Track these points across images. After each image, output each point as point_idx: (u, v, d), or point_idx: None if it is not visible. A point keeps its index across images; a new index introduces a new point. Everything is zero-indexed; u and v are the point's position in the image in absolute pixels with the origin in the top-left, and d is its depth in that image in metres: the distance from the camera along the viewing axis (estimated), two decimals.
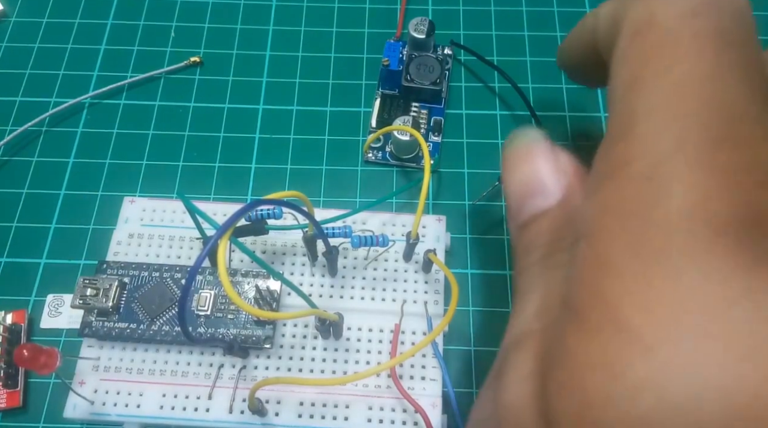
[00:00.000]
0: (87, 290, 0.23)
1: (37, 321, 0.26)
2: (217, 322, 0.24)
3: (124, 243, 0.26)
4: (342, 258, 0.26)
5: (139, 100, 0.31)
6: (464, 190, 0.29)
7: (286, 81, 0.32)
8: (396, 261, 0.25)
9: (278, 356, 0.24)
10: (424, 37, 0.30)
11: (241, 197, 0.29)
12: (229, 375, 0.23)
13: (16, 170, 0.30)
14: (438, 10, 0.34)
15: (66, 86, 0.32)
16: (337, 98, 0.32)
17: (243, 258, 0.26)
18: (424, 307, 0.25)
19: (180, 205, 0.26)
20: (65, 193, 0.29)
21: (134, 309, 0.24)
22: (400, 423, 0.23)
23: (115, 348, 0.24)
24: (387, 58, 0.31)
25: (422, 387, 0.23)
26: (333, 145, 0.30)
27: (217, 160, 0.30)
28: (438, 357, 0.24)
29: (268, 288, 0.24)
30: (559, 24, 0.34)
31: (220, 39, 0.33)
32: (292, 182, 0.29)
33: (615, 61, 0.15)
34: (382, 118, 0.30)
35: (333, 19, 0.34)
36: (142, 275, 0.24)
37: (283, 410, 0.23)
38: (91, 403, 0.23)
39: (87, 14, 0.34)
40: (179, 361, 0.24)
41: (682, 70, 0.12)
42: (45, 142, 0.30)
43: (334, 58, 0.33)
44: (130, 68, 0.32)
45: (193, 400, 0.23)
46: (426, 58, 0.30)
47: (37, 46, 0.33)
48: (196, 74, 0.32)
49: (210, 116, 0.31)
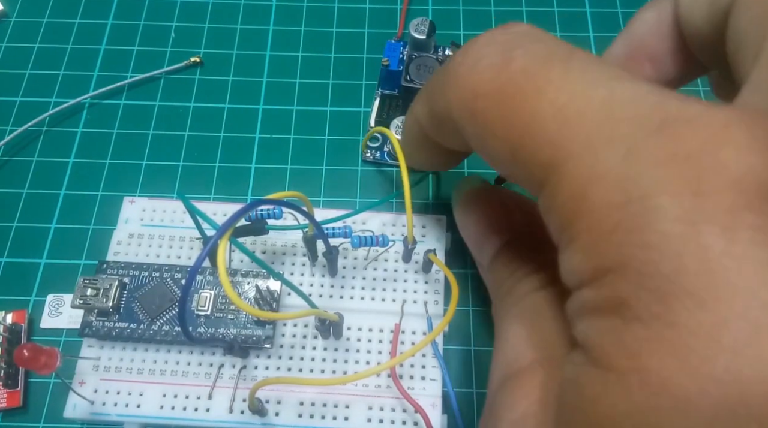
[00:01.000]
0: (87, 290, 0.23)
1: (37, 321, 0.26)
2: (217, 322, 0.24)
3: (124, 243, 0.26)
4: (342, 258, 0.26)
5: (139, 100, 0.31)
6: None
7: (286, 81, 0.32)
8: (396, 262, 0.25)
9: (278, 356, 0.24)
10: (425, 37, 0.30)
11: (241, 197, 0.29)
12: (229, 375, 0.23)
13: (16, 170, 0.30)
14: (438, 10, 0.34)
15: (66, 86, 0.32)
16: (337, 98, 0.32)
17: (243, 258, 0.26)
18: (424, 307, 0.25)
19: (180, 204, 0.26)
20: (65, 193, 0.29)
21: (134, 309, 0.24)
22: (400, 423, 0.23)
23: (115, 348, 0.24)
24: (387, 58, 0.31)
25: (422, 387, 0.23)
26: (333, 145, 0.30)
27: (217, 160, 0.30)
28: (438, 357, 0.24)
29: (268, 288, 0.24)
30: (559, 24, 0.34)
31: (220, 39, 0.33)
32: (292, 182, 0.29)
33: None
34: (381, 118, 0.30)
35: (333, 19, 0.34)
36: (142, 275, 0.24)
37: (283, 410, 0.23)
38: (91, 403, 0.23)
39: (87, 14, 0.34)
40: (179, 361, 0.24)
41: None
42: (45, 142, 0.30)
43: (334, 58, 0.33)
44: (130, 68, 0.32)
45: (193, 400, 0.23)
46: (426, 59, 0.30)
47: (37, 46, 0.33)
48: (196, 74, 0.32)
49: (210, 116, 0.31)
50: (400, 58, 0.32)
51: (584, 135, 0.12)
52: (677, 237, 0.10)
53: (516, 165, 0.14)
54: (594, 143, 0.12)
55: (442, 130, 0.18)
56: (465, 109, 0.15)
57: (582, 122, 0.12)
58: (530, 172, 0.13)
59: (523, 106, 0.13)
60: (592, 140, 0.12)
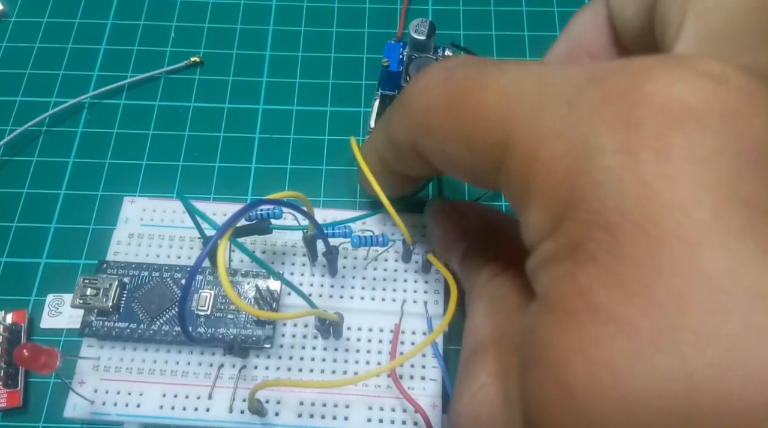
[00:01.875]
0: (87, 290, 0.23)
1: (37, 321, 0.26)
2: (217, 322, 0.24)
3: (124, 243, 0.26)
4: (342, 258, 0.26)
5: (139, 100, 0.31)
6: (464, 190, 0.29)
7: (286, 81, 0.32)
8: (396, 262, 0.25)
9: (278, 356, 0.24)
10: (425, 38, 0.30)
11: (241, 197, 0.29)
12: (229, 375, 0.23)
13: (16, 170, 0.30)
14: (438, 10, 0.34)
15: (66, 86, 0.32)
16: (337, 98, 0.32)
17: (243, 258, 0.26)
18: (424, 307, 0.25)
19: (180, 204, 0.26)
20: (65, 193, 0.29)
21: (134, 309, 0.24)
22: (400, 423, 0.23)
23: (115, 348, 0.24)
24: (387, 59, 0.31)
25: (422, 387, 0.23)
26: (333, 145, 0.30)
27: (217, 160, 0.30)
28: (438, 357, 0.24)
29: (268, 288, 0.24)
30: (559, 24, 0.34)
31: (220, 39, 0.33)
32: (292, 182, 0.29)
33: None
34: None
35: (333, 19, 0.34)
36: (142, 275, 0.24)
37: (283, 410, 0.23)
38: (91, 403, 0.23)
39: (87, 14, 0.34)
40: (179, 361, 0.24)
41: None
42: (45, 142, 0.30)
43: (334, 58, 0.33)
44: (130, 68, 0.32)
45: (193, 400, 0.23)
46: (426, 60, 0.30)
47: (37, 46, 0.33)
48: (196, 74, 0.32)
49: (210, 116, 0.31)
50: (399, 58, 0.32)
51: (526, 105, 0.13)
52: (617, 169, 0.11)
53: (475, 156, 0.15)
54: (535, 110, 0.13)
55: (401, 157, 0.20)
56: (421, 125, 0.17)
57: (522, 96, 0.13)
58: (487, 159, 0.14)
59: (469, 102, 0.15)
60: (534, 107, 0.13)
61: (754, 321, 0.09)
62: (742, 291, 0.09)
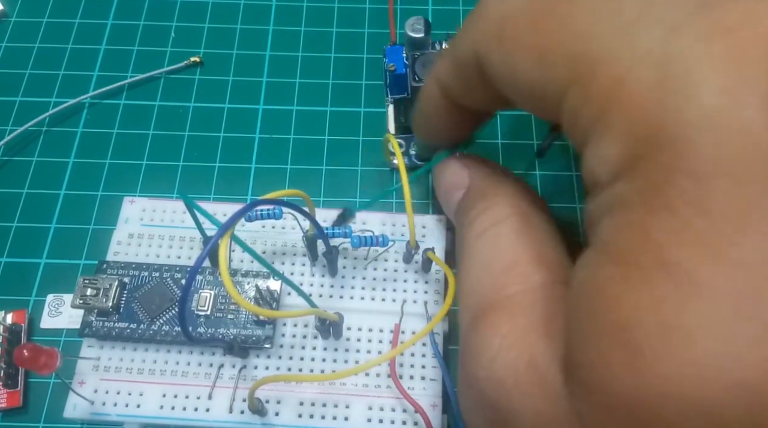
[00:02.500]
0: (87, 290, 0.23)
1: (37, 321, 0.26)
2: (217, 322, 0.24)
3: (124, 243, 0.26)
4: (342, 258, 0.26)
5: (139, 100, 0.31)
6: None
7: (286, 81, 0.32)
8: (396, 261, 0.25)
9: (278, 356, 0.24)
10: (422, 35, 0.30)
11: (241, 197, 0.29)
12: (229, 375, 0.23)
13: (16, 170, 0.30)
14: (438, 10, 0.34)
15: (66, 86, 0.32)
16: (337, 98, 0.31)
17: (243, 258, 0.26)
18: (424, 307, 0.25)
19: (180, 204, 0.26)
20: (65, 193, 0.29)
21: (134, 309, 0.24)
22: (400, 423, 0.23)
23: (115, 348, 0.24)
24: (392, 63, 0.31)
25: (422, 387, 0.23)
26: (333, 145, 0.30)
27: (217, 160, 0.30)
28: (438, 357, 0.24)
29: (268, 288, 0.24)
30: None
31: (220, 39, 0.33)
32: (292, 182, 0.29)
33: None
34: (400, 122, 0.30)
35: (333, 19, 0.34)
36: (142, 275, 0.24)
37: (283, 409, 0.23)
38: (91, 403, 0.23)
39: (87, 14, 0.34)
40: (179, 361, 0.24)
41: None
42: (45, 142, 0.30)
43: (334, 58, 0.33)
44: (130, 68, 0.32)
45: (193, 400, 0.23)
46: (429, 55, 0.30)
47: (37, 46, 0.33)
48: (196, 74, 0.32)
49: (210, 116, 0.31)
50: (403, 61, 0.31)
51: (622, 22, 0.12)
52: (719, 110, 0.10)
53: (545, 72, 0.14)
54: (631, 28, 0.12)
55: (463, 79, 0.19)
56: (492, 36, 0.15)
57: (619, 11, 0.12)
58: (559, 75, 0.13)
59: (556, 11, 0.13)
60: (631, 25, 0.12)
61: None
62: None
